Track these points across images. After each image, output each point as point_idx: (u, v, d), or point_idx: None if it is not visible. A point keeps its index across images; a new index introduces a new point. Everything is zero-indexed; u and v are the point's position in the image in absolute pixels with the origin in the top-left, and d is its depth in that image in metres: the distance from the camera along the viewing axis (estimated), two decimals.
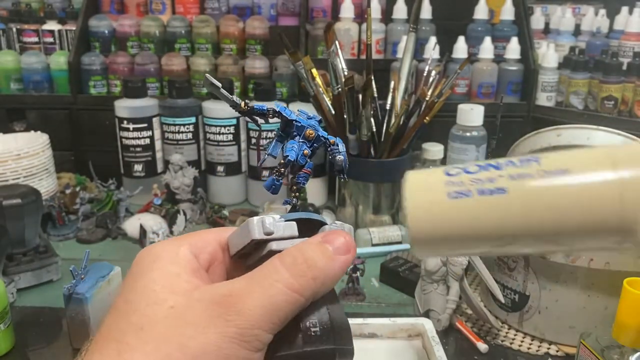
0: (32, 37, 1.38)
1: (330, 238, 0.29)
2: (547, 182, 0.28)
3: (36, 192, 0.88)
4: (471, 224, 0.29)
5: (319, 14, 1.36)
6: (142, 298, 0.27)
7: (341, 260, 0.29)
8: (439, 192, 0.29)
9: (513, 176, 0.29)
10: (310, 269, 0.28)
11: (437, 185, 0.30)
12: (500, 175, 0.29)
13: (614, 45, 1.32)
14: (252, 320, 0.26)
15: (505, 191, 0.28)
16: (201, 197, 1.12)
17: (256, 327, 0.26)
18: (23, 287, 0.85)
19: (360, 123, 0.96)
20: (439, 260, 0.73)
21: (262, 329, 0.26)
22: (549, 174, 0.28)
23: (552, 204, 0.28)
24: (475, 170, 0.30)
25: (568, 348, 0.71)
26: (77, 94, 1.30)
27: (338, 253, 0.29)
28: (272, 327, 0.27)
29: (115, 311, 0.28)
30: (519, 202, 0.28)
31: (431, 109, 0.97)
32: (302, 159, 0.32)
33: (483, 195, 0.29)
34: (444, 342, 0.71)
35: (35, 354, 0.73)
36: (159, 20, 1.35)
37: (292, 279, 0.27)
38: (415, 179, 0.31)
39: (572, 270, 0.68)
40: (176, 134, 1.16)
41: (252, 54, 1.33)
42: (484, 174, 0.29)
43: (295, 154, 0.32)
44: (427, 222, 0.30)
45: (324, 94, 1.02)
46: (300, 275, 0.27)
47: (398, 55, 1.26)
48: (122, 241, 1.03)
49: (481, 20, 1.31)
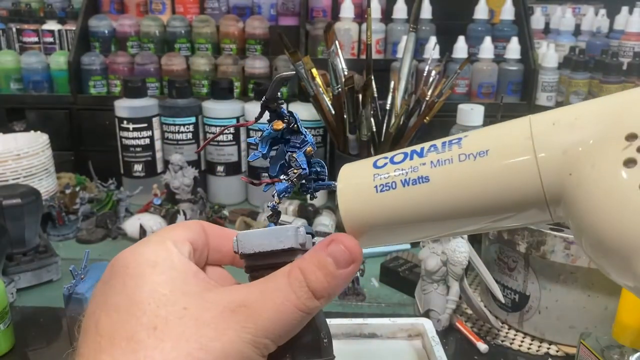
0: (32, 37, 1.38)
1: (332, 250, 0.29)
2: (467, 166, 0.28)
3: (36, 192, 0.88)
4: (400, 214, 0.30)
5: (319, 14, 1.36)
6: (151, 300, 0.27)
7: (345, 274, 0.29)
8: (368, 186, 0.30)
9: (434, 163, 0.29)
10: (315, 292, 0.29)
11: (366, 179, 0.31)
12: (423, 163, 0.29)
13: (614, 45, 1.32)
14: (264, 331, 0.27)
15: (427, 179, 0.29)
16: (201, 197, 1.11)
17: (266, 337, 0.27)
18: (23, 287, 0.85)
19: (360, 123, 0.95)
20: (439, 260, 0.73)
21: (270, 339, 0.28)
22: (469, 157, 0.28)
23: (473, 187, 0.28)
24: (400, 160, 0.30)
25: (568, 348, 0.71)
26: (77, 94, 1.30)
27: (341, 267, 0.29)
28: (279, 339, 0.28)
29: (116, 313, 0.27)
30: (441, 189, 0.28)
31: (431, 109, 0.97)
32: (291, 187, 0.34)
33: (407, 186, 0.29)
34: (444, 342, 0.71)
35: (35, 354, 0.73)
36: (158, 20, 1.35)
37: (299, 302, 0.28)
38: (346, 174, 0.32)
39: (572, 270, 0.68)
40: (176, 134, 1.16)
41: (252, 54, 1.33)
42: (408, 163, 0.30)
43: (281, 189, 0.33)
44: (359, 215, 0.31)
45: (324, 94, 1.02)
46: (306, 298, 0.28)
47: (398, 55, 1.26)
48: (122, 241, 1.02)
49: (481, 20, 1.31)
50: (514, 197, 0.27)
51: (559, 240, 0.66)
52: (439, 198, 0.29)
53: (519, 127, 0.28)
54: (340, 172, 0.32)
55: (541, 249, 0.68)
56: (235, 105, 1.16)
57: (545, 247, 0.68)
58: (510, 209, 0.28)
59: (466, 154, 0.28)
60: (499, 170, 0.27)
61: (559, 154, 0.26)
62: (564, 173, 0.26)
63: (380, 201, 0.30)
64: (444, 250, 0.73)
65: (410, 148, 0.31)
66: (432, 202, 0.29)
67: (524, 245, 0.70)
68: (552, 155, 0.26)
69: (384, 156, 0.31)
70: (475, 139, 0.29)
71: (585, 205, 0.25)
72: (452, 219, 0.29)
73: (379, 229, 0.31)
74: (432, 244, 0.75)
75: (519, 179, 0.27)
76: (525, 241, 0.69)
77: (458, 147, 0.29)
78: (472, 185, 0.28)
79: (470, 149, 0.28)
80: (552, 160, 0.26)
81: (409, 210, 0.29)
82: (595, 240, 0.25)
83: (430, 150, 0.30)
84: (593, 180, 0.25)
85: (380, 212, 0.30)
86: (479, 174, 0.28)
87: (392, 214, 0.30)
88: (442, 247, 0.74)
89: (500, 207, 0.28)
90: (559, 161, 0.26)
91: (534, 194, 0.27)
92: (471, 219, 0.29)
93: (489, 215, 0.29)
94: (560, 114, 0.28)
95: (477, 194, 0.28)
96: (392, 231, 0.31)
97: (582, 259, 0.66)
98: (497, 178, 0.27)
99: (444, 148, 0.29)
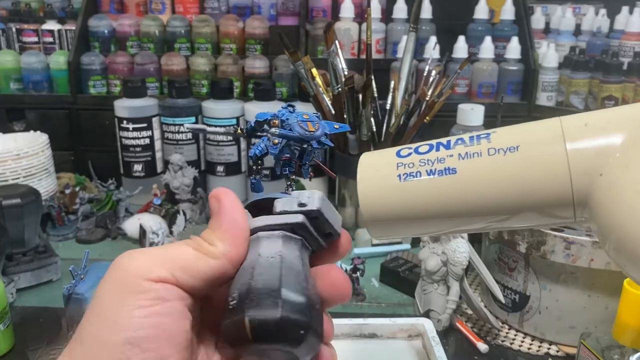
0: (32, 36, 1.38)
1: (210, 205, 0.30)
2: (496, 161, 0.28)
3: (36, 192, 0.87)
4: (422, 205, 0.29)
5: (319, 13, 1.36)
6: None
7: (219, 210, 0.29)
8: (390, 175, 0.29)
9: (462, 155, 0.28)
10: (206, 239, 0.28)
11: (389, 167, 0.30)
12: (450, 155, 0.29)
13: (614, 45, 1.32)
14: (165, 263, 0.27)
15: (454, 171, 0.28)
16: (201, 197, 1.11)
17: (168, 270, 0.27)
18: (23, 287, 0.85)
19: (360, 123, 0.95)
20: (439, 260, 0.73)
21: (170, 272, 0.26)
22: (499, 152, 0.28)
23: (501, 182, 0.27)
24: (426, 150, 0.30)
25: (568, 348, 0.71)
26: (77, 93, 1.30)
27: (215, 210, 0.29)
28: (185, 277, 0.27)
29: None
30: (468, 181, 0.28)
31: (431, 108, 0.97)
32: (273, 148, 0.31)
33: (432, 176, 0.29)
34: (444, 342, 0.71)
35: (35, 354, 0.72)
36: (158, 20, 1.35)
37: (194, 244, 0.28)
38: (367, 162, 0.31)
39: (573, 270, 0.68)
40: (176, 134, 1.16)
41: (252, 54, 1.33)
42: (434, 154, 0.29)
43: (256, 149, 0.31)
44: (379, 204, 0.30)
45: (324, 94, 1.02)
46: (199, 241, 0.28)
47: (398, 55, 1.25)
48: (122, 241, 1.02)
49: (481, 20, 1.31)
50: (542, 194, 0.27)
51: (559, 240, 0.66)
52: (465, 191, 0.28)
53: (550, 125, 0.28)
54: (361, 159, 0.31)
55: (541, 249, 0.68)
56: (235, 105, 1.16)
57: (546, 247, 0.67)
58: (535, 207, 0.27)
59: (496, 148, 0.28)
60: (528, 166, 0.27)
61: (590, 154, 0.26)
62: (595, 173, 0.25)
63: (402, 190, 0.29)
64: (444, 250, 0.73)
65: (436, 140, 0.30)
66: (458, 194, 0.28)
67: (524, 245, 0.70)
68: (584, 154, 0.26)
69: (407, 146, 0.30)
70: (505, 135, 0.28)
71: (615, 207, 0.25)
72: (476, 214, 0.28)
73: (397, 219, 0.30)
74: (432, 244, 0.75)
75: (548, 177, 0.26)
76: (526, 241, 0.69)
77: (487, 141, 0.28)
78: (500, 179, 0.27)
79: (500, 144, 0.28)
80: (584, 159, 0.26)
81: (432, 201, 0.29)
82: (623, 243, 0.25)
83: (458, 143, 0.29)
84: (626, 181, 0.24)
85: (401, 201, 0.29)
86: (508, 169, 0.27)
87: (414, 203, 0.29)
88: (442, 247, 0.74)
89: (526, 204, 0.27)
90: (591, 161, 0.26)
91: (562, 193, 0.26)
92: (494, 215, 0.28)
93: (513, 211, 0.28)
94: (592, 116, 0.27)
95: (505, 189, 0.27)
96: (410, 222, 0.30)
97: (583, 259, 0.66)
98: (526, 174, 0.27)
99: (472, 141, 0.28)
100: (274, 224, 0.29)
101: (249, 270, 0.27)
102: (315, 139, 0.30)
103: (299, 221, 0.29)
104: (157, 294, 0.26)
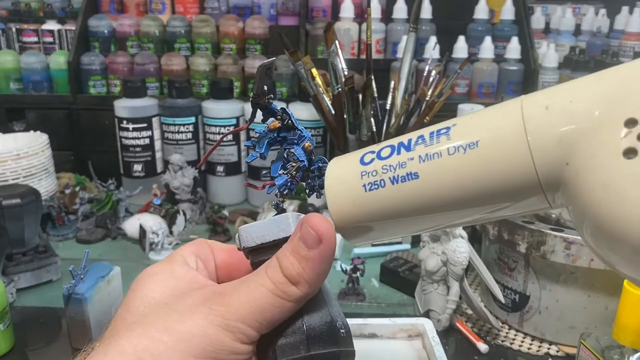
0: (32, 36, 1.38)
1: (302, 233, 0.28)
2: (457, 160, 0.27)
3: (36, 192, 0.87)
4: (391, 212, 0.29)
5: (319, 13, 1.36)
6: (140, 303, 0.29)
7: (317, 255, 0.28)
8: (356, 186, 0.29)
9: (422, 157, 0.28)
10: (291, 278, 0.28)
11: (354, 178, 0.30)
12: (411, 158, 0.28)
13: (614, 45, 1.32)
14: (236, 313, 0.27)
15: (417, 176, 0.28)
16: (201, 197, 1.11)
17: (240, 321, 0.27)
18: (23, 287, 0.85)
19: (360, 123, 0.95)
20: (439, 260, 0.73)
21: (247, 324, 0.27)
22: (458, 150, 0.27)
23: (464, 181, 0.27)
24: (387, 155, 0.29)
25: (568, 348, 0.71)
26: (77, 93, 1.30)
27: (311, 248, 0.28)
28: (258, 326, 0.27)
29: (115, 319, 0.29)
30: (432, 184, 0.27)
31: (431, 108, 0.97)
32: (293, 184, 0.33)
33: (396, 184, 0.28)
34: (444, 342, 0.71)
35: (35, 354, 0.72)
36: (158, 20, 1.35)
37: (273, 286, 0.28)
38: (334, 173, 0.31)
39: (573, 270, 0.68)
40: (176, 134, 1.16)
41: (252, 54, 1.33)
42: (395, 159, 0.29)
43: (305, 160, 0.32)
44: (348, 214, 0.30)
45: (324, 94, 1.02)
46: (281, 282, 0.28)
47: (398, 55, 1.26)
48: (122, 241, 1.02)
49: (481, 20, 1.31)
50: (508, 189, 0.26)
51: (559, 240, 0.66)
52: (429, 194, 0.28)
53: (510, 111, 0.26)
54: (328, 167, 0.31)
55: (541, 249, 0.68)
56: (235, 105, 1.16)
57: (546, 247, 0.67)
58: (505, 200, 0.27)
59: (455, 146, 0.27)
60: (490, 163, 0.26)
61: (554, 143, 0.25)
62: (561, 163, 0.25)
63: (369, 200, 0.29)
64: (444, 251, 0.73)
65: (398, 139, 0.29)
66: (423, 198, 0.28)
67: (524, 246, 0.70)
68: (547, 145, 0.25)
69: (370, 150, 0.30)
70: (465, 128, 0.27)
71: (585, 196, 0.24)
72: (445, 213, 0.28)
73: (370, 227, 0.30)
74: (432, 243, 0.75)
75: (512, 171, 0.26)
76: (526, 241, 0.69)
77: (446, 138, 0.27)
78: (464, 179, 0.27)
79: (460, 140, 0.27)
80: (547, 150, 0.25)
81: (400, 207, 0.29)
82: (597, 230, 0.24)
83: (418, 142, 0.28)
84: (592, 171, 0.24)
85: (370, 211, 0.29)
86: (469, 168, 0.26)
87: (382, 212, 0.29)
88: (442, 247, 0.74)
89: (495, 198, 0.27)
90: (554, 151, 0.25)
91: (529, 185, 0.26)
92: (464, 211, 0.28)
93: (483, 207, 0.28)
94: (554, 96, 0.26)
95: (469, 188, 0.27)
96: (383, 228, 0.30)
97: (583, 259, 0.66)
98: (489, 171, 0.26)
99: (432, 140, 0.28)
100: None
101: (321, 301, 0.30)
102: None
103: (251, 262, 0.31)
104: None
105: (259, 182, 1.18)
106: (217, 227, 1.04)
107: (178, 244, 1.00)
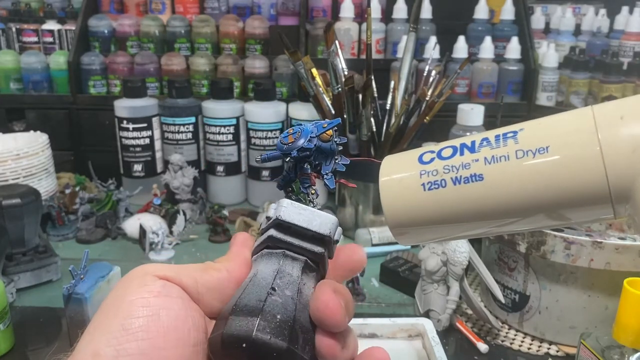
0: (32, 36, 1.38)
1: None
2: (525, 164, 0.26)
3: (36, 192, 0.87)
4: (449, 213, 0.28)
5: (319, 13, 1.36)
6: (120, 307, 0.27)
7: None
8: (414, 184, 0.28)
9: (488, 160, 0.27)
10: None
11: (412, 175, 0.29)
12: (475, 160, 0.27)
13: (614, 45, 1.32)
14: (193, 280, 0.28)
15: (481, 178, 0.27)
16: (201, 197, 1.11)
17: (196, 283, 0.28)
18: (23, 287, 0.85)
19: (360, 123, 0.95)
20: (439, 260, 0.73)
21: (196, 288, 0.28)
22: (527, 154, 0.26)
23: (532, 186, 0.26)
24: (449, 155, 0.28)
25: (568, 348, 0.71)
26: (77, 93, 1.30)
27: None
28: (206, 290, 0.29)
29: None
30: (497, 188, 0.26)
31: (431, 108, 0.97)
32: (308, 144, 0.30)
33: (458, 184, 0.27)
34: (444, 342, 0.71)
35: (35, 354, 0.72)
36: (158, 20, 1.35)
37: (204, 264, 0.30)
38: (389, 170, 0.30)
39: (573, 270, 0.68)
40: (176, 134, 1.16)
41: (252, 54, 1.33)
42: (458, 159, 0.28)
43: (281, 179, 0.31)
44: (404, 213, 0.29)
45: (324, 94, 1.02)
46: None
47: (398, 55, 1.26)
48: (122, 241, 1.02)
49: (481, 20, 1.31)
50: (576, 197, 0.25)
51: (559, 240, 0.66)
52: (493, 197, 0.27)
53: (581, 119, 0.26)
54: (382, 164, 0.30)
55: (541, 249, 0.68)
56: (235, 105, 1.16)
57: (546, 247, 0.67)
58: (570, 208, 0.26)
59: (524, 150, 0.26)
60: (560, 169, 0.25)
61: (628, 153, 0.24)
62: (634, 173, 0.24)
63: (427, 200, 0.28)
64: (444, 251, 0.73)
65: (459, 141, 0.28)
66: (485, 200, 0.27)
67: (524, 246, 0.70)
68: (620, 154, 0.24)
69: (430, 150, 0.29)
70: (534, 133, 0.26)
71: None
72: (506, 218, 0.27)
73: (425, 227, 0.29)
74: (432, 244, 0.75)
75: (582, 179, 0.25)
76: (526, 241, 0.69)
77: (514, 142, 0.26)
78: (531, 184, 0.26)
79: (529, 145, 0.26)
80: (621, 159, 0.24)
81: (458, 208, 0.27)
82: None
83: (483, 144, 0.27)
84: None
85: (427, 211, 0.28)
86: (538, 172, 0.25)
87: (441, 213, 0.28)
88: (442, 247, 0.74)
89: (560, 206, 0.26)
90: (628, 160, 0.24)
91: (598, 193, 0.25)
92: (527, 218, 0.27)
93: (546, 214, 0.26)
94: (629, 106, 0.25)
95: (535, 192, 0.26)
96: (439, 229, 0.29)
97: (582, 259, 0.66)
98: (559, 177, 0.25)
99: (497, 143, 0.27)
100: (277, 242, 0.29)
101: (242, 288, 0.28)
102: (294, 149, 0.30)
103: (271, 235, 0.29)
104: (159, 288, 0.27)
105: (258, 182, 1.18)
106: (217, 227, 1.04)
107: (178, 244, 1.00)
